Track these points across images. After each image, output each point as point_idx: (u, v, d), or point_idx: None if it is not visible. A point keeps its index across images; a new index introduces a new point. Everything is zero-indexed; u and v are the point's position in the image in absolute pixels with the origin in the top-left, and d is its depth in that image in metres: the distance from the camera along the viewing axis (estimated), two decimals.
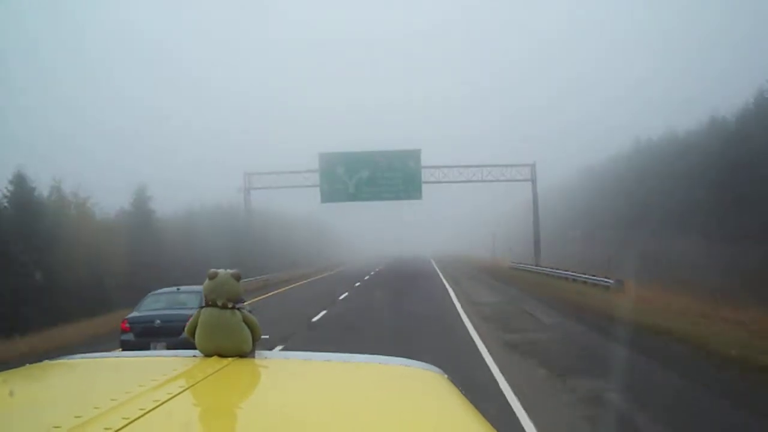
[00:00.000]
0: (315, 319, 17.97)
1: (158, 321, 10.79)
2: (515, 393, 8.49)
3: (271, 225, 52.40)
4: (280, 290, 31.89)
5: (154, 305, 11.67)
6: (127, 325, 11.31)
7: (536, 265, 37.60)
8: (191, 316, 1.91)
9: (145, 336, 10.61)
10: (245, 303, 1.95)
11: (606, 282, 24.12)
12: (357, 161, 40.39)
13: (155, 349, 10.46)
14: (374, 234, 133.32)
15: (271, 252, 48.64)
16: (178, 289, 12.16)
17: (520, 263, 41.69)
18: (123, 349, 10.92)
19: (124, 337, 11.22)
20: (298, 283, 37.77)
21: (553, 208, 56.09)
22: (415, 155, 40.55)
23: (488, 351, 11.89)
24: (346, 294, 26.26)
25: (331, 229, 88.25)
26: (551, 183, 56.44)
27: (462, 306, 20.22)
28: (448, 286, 29.81)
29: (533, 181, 41.22)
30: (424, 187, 40.59)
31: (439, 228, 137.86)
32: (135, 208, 36.72)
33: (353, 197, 40.86)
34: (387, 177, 40.29)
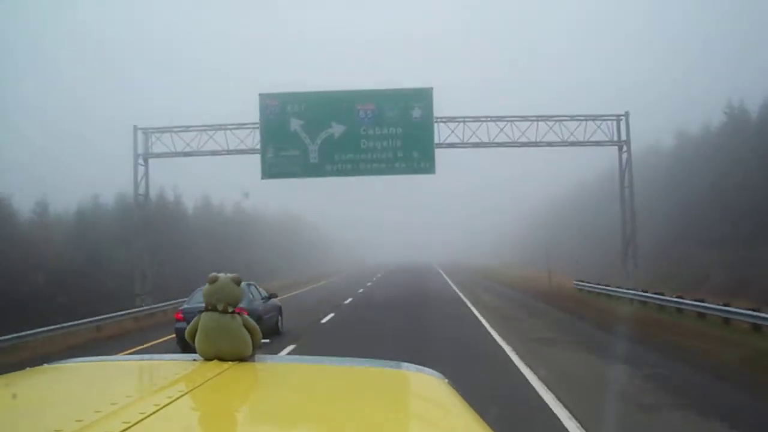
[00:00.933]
0: None
1: None
2: None
3: (194, 217, 36.04)
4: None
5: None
6: (181, 315, 12.98)
7: (641, 290, 20.66)
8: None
9: None
10: (277, 297, 6.08)
11: None
12: (323, 108, 23.61)
13: None
14: (360, 232, 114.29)
15: (209, 261, 32.78)
16: None
17: (597, 285, 24.99)
18: (177, 336, 12.66)
19: (179, 325, 12.58)
20: None
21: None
22: (423, 98, 23.79)
23: None
24: None
25: (297, 225, 70.65)
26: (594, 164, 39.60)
27: None
28: None
29: (622, 143, 24.44)
30: (438, 154, 23.99)
31: (453, 222, 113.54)
32: None
33: (317, 170, 24.04)
34: (376, 135, 23.62)
